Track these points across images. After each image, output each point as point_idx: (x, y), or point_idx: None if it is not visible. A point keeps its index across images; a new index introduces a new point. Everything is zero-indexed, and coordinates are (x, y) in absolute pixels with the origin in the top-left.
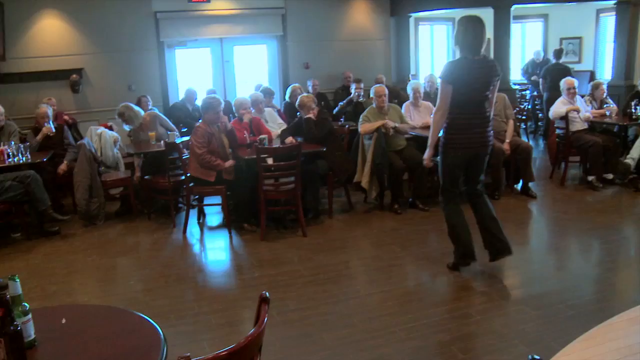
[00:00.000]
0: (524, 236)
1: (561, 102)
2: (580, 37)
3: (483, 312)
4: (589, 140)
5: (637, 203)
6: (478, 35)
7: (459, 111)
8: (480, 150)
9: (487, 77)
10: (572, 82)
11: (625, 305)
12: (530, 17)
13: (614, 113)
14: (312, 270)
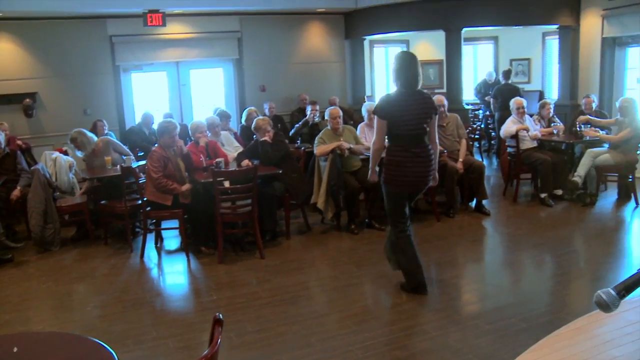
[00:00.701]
0: (479, 252)
1: (511, 121)
2: (528, 59)
3: (439, 328)
4: (539, 158)
5: (585, 217)
6: (414, 70)
7: (397, 147)
8: (419, 188)
9: (424, 112)
10: (521, 101)
11: (575, 316)
12: (481, 39)
13: (561, 131)
14: (270, 291)
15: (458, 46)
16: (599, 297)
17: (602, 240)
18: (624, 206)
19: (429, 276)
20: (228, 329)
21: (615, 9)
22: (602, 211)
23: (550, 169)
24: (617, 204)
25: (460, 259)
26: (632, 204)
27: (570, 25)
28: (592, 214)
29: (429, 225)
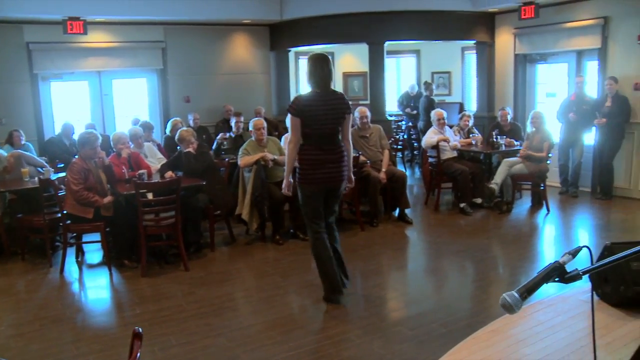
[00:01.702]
0: (402, 260)
1: (432, 132)
2: (449, 72)
3: (362, 335)
4: (458, 168)
5: (502, 224)
6: (325, 71)
7: (310, 147)
8: (334, 185)
9: (336, 111)
10: (441, 113)
11: (492, 319)
12: (403, 52)
13: (479, 142)
14: (195, 304)
15: (381, 59)
16: (504, 299)
17: (518, 245)
18: (536, 213)
19: (354, 285)
20: (152, 342)
21: (525, 28)
22: (518, 218)
23: (469, 178)
24: (530, 211)
25: (384, 267)
26: (544, 210)
27: (486, 42)
28: (508, 220)
29: (353, 234)
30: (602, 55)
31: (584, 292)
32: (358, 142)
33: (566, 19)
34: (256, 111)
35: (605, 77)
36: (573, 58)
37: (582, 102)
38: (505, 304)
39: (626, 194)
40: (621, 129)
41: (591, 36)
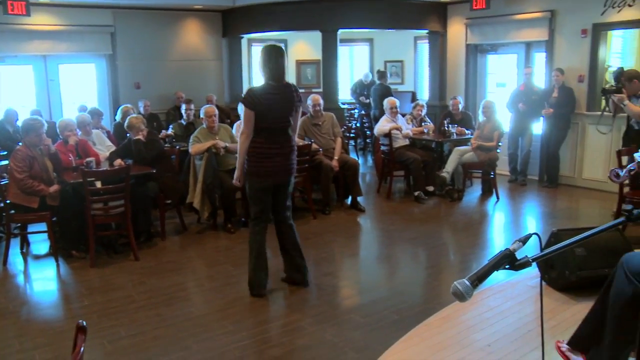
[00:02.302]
0: (354, 248)
1: (385, 120)
2: (402, 61)
3: (315, 323)
4: (410, 156)
5: (453, 212)
6: (279, 63)
7: (261, 140)
8: (284, 178)
9: (289, 104)
10: (394, 101)
11: (443, 306)
12: (357, 40)
13: (431, 130)
14: (145, 294)
15: (334, 47)
16: (455, 287)
17: (469, 232)
18: (487, 200)
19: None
20: (101, 335)
21: (476, 19)
22: (468, 205)
23: (421, 167)
24: (481, 199)
25: (337, 255)
26: (494, 198)
27: (439, 31)
28: (460, 208)
29: (305, 222)
30: (549, 47)
31: (532, 278)
32: (310, 130)
33: (516, 11)
34: (208, 98)
35: (552, 69)
36: (522, 49)
37: (530, 93)
38: (456, 291)
39: (571, 182)
40: (567, 119)
41: (539, 28)
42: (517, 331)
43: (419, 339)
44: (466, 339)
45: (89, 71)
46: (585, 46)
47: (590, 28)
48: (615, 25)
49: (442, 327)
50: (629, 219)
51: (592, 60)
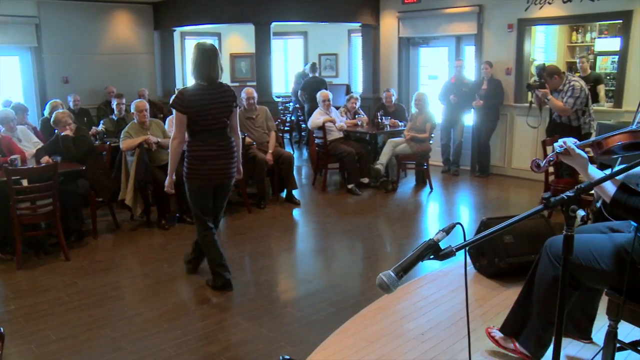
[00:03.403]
0: (290, 242)
1: (318, 113)
2: (336, 54)
3: (251, 319)
4: (345, 149)
5: (388, 203)
6: (212, 64)
7: (198, 142)
8: (223, 181)
9: (224, 105)
10: (327, 94)
11: (379, 296)
12: (291, 33)
13: (365, 123)
14: (76, 295)
15: (267, 40)
16: (380, 279)
17: (403, 222)
18: (421, 191)
19: (242, 268)
20: (28, 340)
21: (408, 12)
22: (403, 196)
23: (355, 159)
24: (415, 189)
25: (273, 249)
26: (428, 188)
27: (371, 24)
28: (394, 199)
29: (241, 217)
30: (478, 40)
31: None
32: (244, 124)
33: (446, 5)
34: (139, 93)
35: (482, 62)
36: (453, 42)
37: (461, 85)
38: (382, 283)
39: (501, 172)
40: (496, 111)
41: (468, 22)
42: (449, 319)
43: (354, 330)
44: (400, 329)
45: (12, 64)
46: (512, 40)
47: (515, 23)
48: (538, 21)
49: (377, 318)
50: (547, 206)
51: (518, 53)
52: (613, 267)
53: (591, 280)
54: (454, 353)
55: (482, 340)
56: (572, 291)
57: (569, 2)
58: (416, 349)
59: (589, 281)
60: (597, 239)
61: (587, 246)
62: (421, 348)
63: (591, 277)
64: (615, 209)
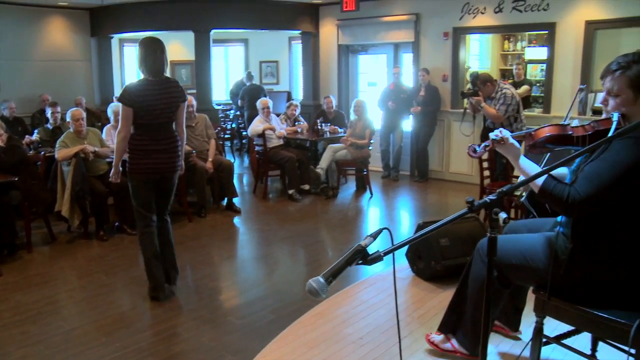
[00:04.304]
0: (231, 250)
1: (258, 120)
2: (276, 61)
3: (191, 329)
4: (285, 156)
5: (328, 209)
6: (158, 57)
7: (142, 136)
8: (166, 175)
9: (170, 100)
10: (266, 102)
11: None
12: (231, 41)
13: (305, 129)
14: (9, 312)
15: (207, 47)
16: (310, 285)
17: (344, 228)
18: (361, 196)
19: (183, 277)
20: None
21: (347, 20)
22: (343, 202)
23: (295, 166)
24: (355, 195)
25: (214, 258)
26: (368, 194)
27: (311, 32)
28: (335, 205)
29: (181, 226)
30: (415, 48)
31: (403, 269)
32: None
33: (384, 13)
34: (76, 101)
35: (419, 69)
36: (391, 50)
37: (399, 91)
38: (311, 289)
39: (440, 176)
40: (434, 117)
41: (405, 30)
42: (388, 322)
43: (293, 336)
44: (339, 334)
45: None
46: (447, 48)
47: (451, 31)
48: (472, 29)
49: (316, 324)
50: (471, 209)
51: (453, 61)
52: (542, 266)
53: (521, 279)
54: (391, 356)
55: (420, 341)
56: (503, 289)
57: (500, 13)
58: (355, 353)
59: (518, 280)
60: (527, 238)
61: (517, 245)
62: (360, 352)
63: (521, 275)
64: (542, 199)
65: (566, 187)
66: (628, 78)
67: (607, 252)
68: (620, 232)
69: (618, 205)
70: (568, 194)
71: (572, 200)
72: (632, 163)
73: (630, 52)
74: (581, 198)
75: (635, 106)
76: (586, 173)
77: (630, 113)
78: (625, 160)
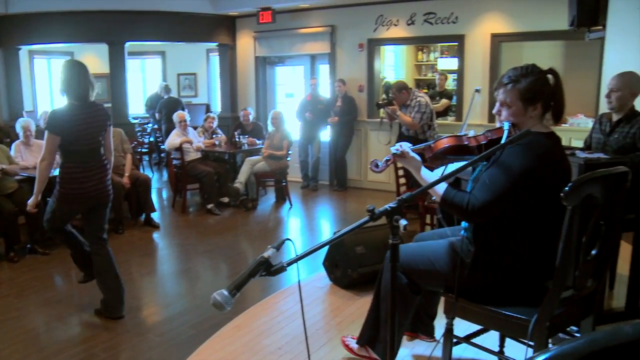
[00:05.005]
0: (150, 266)
1: (175, 134)
2: (195, 74)
3: (109, 349)
4: (203, 169)
5: (248, 221)
6: (82, 81)
7: (72, 163)
8: (100, 201)
9: (98, 124)
10: (183, 115)
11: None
12: (148, 53)
13: (223, 142)
14: None
15: (122, 60)
16: (214, 299)
17: (264, 240)
18: (280, 207)
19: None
20: None
21: (264, 32)
22: (263, 214)
23: (214, 179)
24: (275, 206)
25: (133, 274)
26: (287, 205)
27: (228, 44)
28: (255, 217)
29: None
30: (331, 59)
31: (321, 278)
32: None
33: (300, 25)
34: None
35: (335, 79)
36: (308, 61)
37: (317, 102)
38: (215, 303)
39: (358, 185)
40: (351, 127)
41: (321, 42)
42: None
43: (212, 350)
44: (258, 345)
45: None
46: (363, 59)
47: (366, 43)
48: (386, 41)
49: (235, 336)
50: (372, 218)
51: (369, 71)
52: (447, 269)
53: (429, 284)
54: None
55: (339, 349)
56: (414, 296)
57: (412, 25)
58: None
59: (427, 285)
60: (433, 244)
61: (425, 252)
62: None
63: (429, 280)
64: (444, 207)
65: (466, 195)
66: (518, 91)
67: (506, 253)
68: (517, 233)
69: (514, 209)
70: (468, 202)
71: (471, 207)
72: (523, 168)
73: (519, 66)
74: (479, 204)
75: (525, 117)
76: (483, 181)
77: (520, 122)
78: (518, 166)
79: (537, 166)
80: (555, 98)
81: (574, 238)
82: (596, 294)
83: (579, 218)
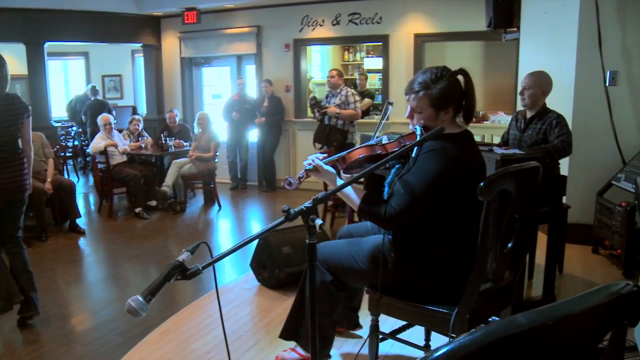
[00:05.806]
0: (76, 273)
1: (100, 137)
2: (120, 75)
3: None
4: (129, 173)
5: (177, 224)
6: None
7: None
8: (15, 196)
9: (13, 116)
10: (107, 118)
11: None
12: (71, 54)
13: (149, 145)
14: None
15: (41, 61)
16: (129, 305)
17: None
18: (209, 209)
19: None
20: None
21: (189, 32)
22: (192, 216)
23: (141, 182)
24: (204, 208)
25: (58, 283)
26: (216, 207)
27: (153, 45)
28: (183, 219)
29: None
30: (258, 59)
31: (249, 280)
32: None
33: (226, 25)
34: None
35: (262, 80)
36: (234, 62)
37: (244, 102)
38: (130, 309)
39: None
40: (278, 127)
41: (248, 42)
42: (234, 333)
43: (138, 357)
44: (186, 350)
45: None
46: (289, 59)
47: (292, 43)
48: (311, 41)
49: (161, 342)
50: (287, 218)
51: (295, 71)
52: (370, 267)
53: (353, 281)
54: None
55: (267, 350)
56: (339, 292)
57: (338, 25)
58: None
59: (351, 282)
60: (356, 242)
61: (348, 249)
62: None
63: (353, 277)
64: (362, 216)
65: (382, 203)
66: (429, 98)
67: (427, 255)
68: (437, 236)
69: (431, 213)
70: (385, 210)
71: (388, 216)
72: (436, 173)
73: (430, 68)
74: (396, 212)
75: (437, 121)
76: (398, 188)
77: (432, 126)
78: (431, 172)
79: (450, 170)
80: (466, 98)
81: (491, 232)
82: (514, 284)
83: (495, 212)
